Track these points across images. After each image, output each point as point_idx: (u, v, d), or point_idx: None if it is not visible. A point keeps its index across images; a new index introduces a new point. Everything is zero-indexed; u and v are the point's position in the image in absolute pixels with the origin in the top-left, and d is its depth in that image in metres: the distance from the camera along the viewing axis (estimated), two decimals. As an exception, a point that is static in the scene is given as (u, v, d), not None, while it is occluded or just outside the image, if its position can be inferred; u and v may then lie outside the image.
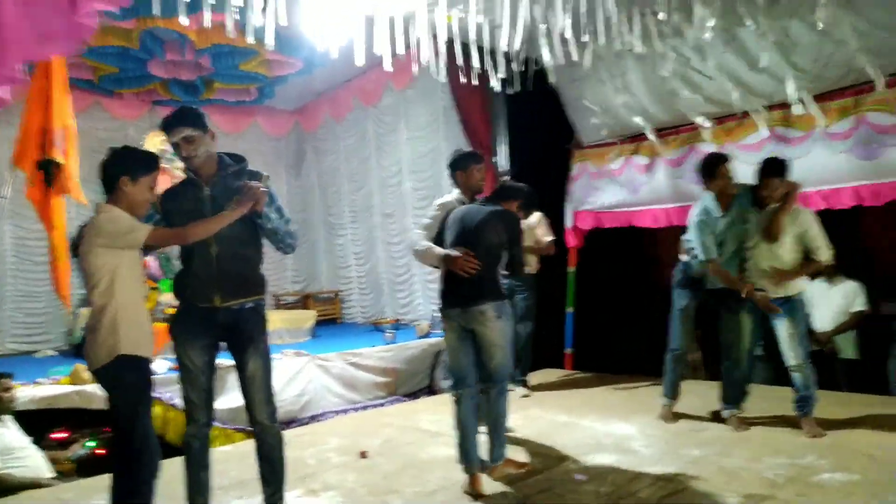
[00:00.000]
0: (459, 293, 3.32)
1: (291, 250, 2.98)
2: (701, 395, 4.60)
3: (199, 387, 2.83)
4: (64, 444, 4.47)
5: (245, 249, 2.84)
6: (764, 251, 3.93)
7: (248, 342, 2.80)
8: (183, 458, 2.88)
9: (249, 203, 2.69)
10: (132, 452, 2.63)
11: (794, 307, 3.93)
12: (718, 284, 4.08)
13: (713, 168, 4.06)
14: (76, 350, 6.86)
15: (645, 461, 3.58)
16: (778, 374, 5.53)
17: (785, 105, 5.05)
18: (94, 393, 4.64)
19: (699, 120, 5.45)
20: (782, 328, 3.93)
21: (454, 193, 3.72)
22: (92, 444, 4.54)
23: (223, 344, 2.89)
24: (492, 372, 3.34)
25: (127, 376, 2.61)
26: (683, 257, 4.44)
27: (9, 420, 4.09)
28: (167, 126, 2.79)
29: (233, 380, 3.00)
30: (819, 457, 3.45)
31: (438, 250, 3.38)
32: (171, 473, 2.89)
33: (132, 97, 8.16)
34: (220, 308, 2.76)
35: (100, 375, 2.64)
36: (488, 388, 3.36)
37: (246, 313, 2.82)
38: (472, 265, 3.22)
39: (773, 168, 3.89)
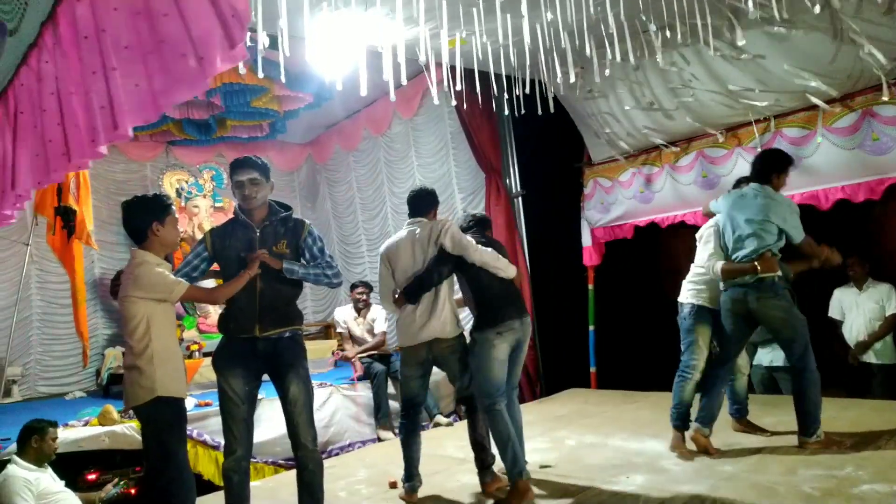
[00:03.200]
0: (518, 306, 3.55)
1: (337, 285, 3.23)
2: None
3: (238, 417, 2.94)
4: (96, 486, 4.49)
5: (286, 287, 3.04)
6: None
7: (289, 368, 2.96)
8: (223, 491, 2.98)
9: (253, 270, 2.92)
10: (164, 488, 2.74)
11: None
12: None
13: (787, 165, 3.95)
14: (104, 391, 6.92)
15: (677, 479, 3.52)
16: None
17: (790, 112, 5.06)
18: (124, 433, 4.68)
19: (711, 129, 5.46)
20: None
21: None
22: (123, 483, 4.57)
23: (265, 378, 3.06)
24: (516, 377, 3.65)
25: (163, 416, 2.75)
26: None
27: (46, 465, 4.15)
28: (236, 166, 3.04)
29: (263, 412, 3.08)
30: (857, 468, 3.37)
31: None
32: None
33: (147, 139, 8.32)
34: (260, 338, 2.93)
35: (137, 413, 2.81)
36: (510, 394, 3.60)
37: (284, 342, 2.99)
38: None
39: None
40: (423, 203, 3.80)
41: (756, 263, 3.67)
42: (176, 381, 2.81)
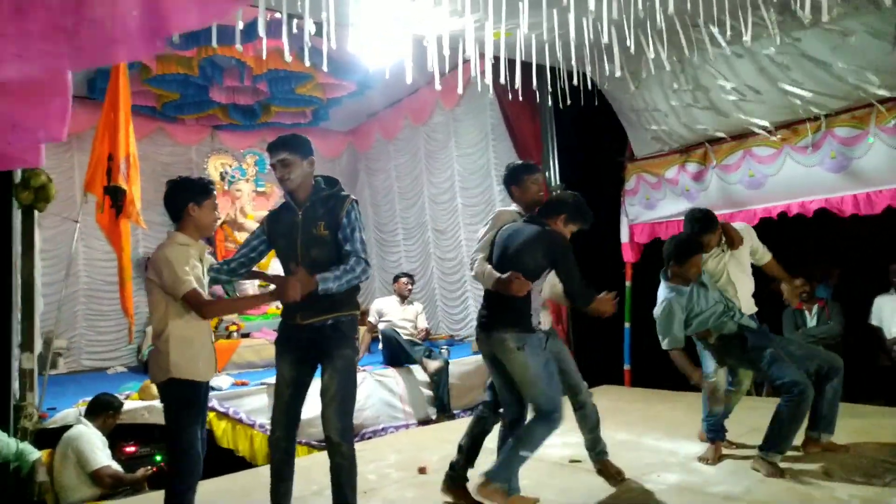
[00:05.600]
0: (484, 318, 3.18)
1: (365, 280, 3.00)
2: (767, 413, 4.43)
3: (281, 400, 2.97)
4: (134, 457, 4.64)
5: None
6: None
7: (325, 357, 2.89)
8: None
9: (287, 298, 2.75)
10: (172, 463, 2.88)
11: None
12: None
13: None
14: (144, 367, 7.12)
15: (710, 481, 3.49)
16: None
17: (842, 111, 4.93)
18: (162, 409, 4.80)
19: (759, 128, 5.33)
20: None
21: (512, 206, 3.54)
22: (160, 458, 4.70)
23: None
24: (529, 403, 3.18)
25: (175, 396, 2.82)
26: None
27: None
28: (269, 148, 2.97)
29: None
30: (897, 477, 3.29)
31: (494, 274, 3.11)
32: (246, 484, 2.98)
33: (193, 122, 8.48)
34: (303, 325, 2.90)
35: (157, 390, 2.93)
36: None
37: (326, 330, 2.90)
38: (523, 285, 2.99)
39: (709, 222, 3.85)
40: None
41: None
42: (194, 365, 2.82)
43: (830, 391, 3.65)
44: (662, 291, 3.88)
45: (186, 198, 2.88)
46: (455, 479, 3.42)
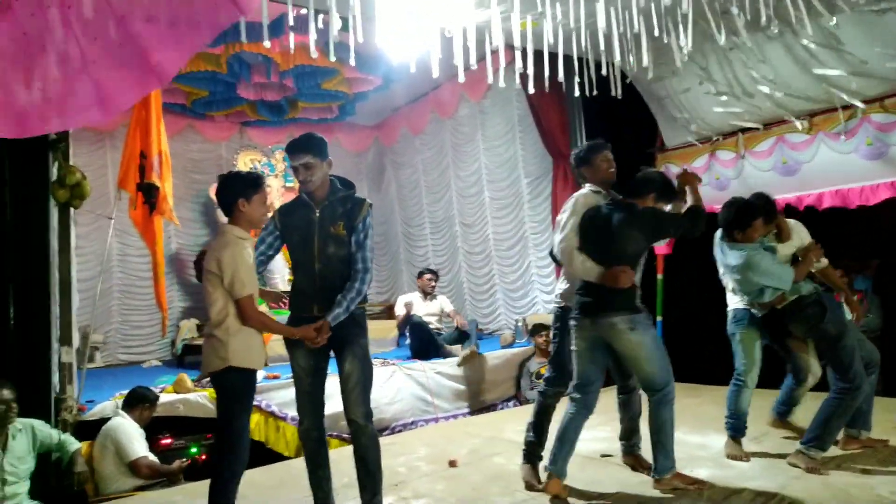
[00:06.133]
0: (590, 304, 3.24)
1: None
2: (807, 407, 4.36)
3: (302, 391, 3.06)
4: (169, 450, 4.72)
5: (344, 267, 3.00)
6: None
7: (343, 345, 2.99)
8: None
9: (308, 336, 2.92)
10: (222, 449, 2.94)
11: None
12: None
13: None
14: (178, 360, 7.23)
15: (744, 475, 3.44)
16: (886, 385, 5.19)
17: (879, 98, 4.81)
18: (197, 402, 4.88)
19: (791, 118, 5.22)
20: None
21: (586, 188, 3.48)
22: (195, 450, 4.78)
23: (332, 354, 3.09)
24: (642, 383, 3.34)
25: (232, 385, 2.89)
26: None
27: None
28: (291, 150, 3.01)
29: (327, 386, 3.14)
30: (940, 473, 3.21)
31: (596, 268, 3.19)
32: (279, 476, 3.01)
33: (222, 119, 8.58)
34: (319, 317, 2.95)
35: (212, 379, 2.97)
36: (650, 397, 3.28)
37: (344, 320, 2.97)
38: (628, 276, 3.14)
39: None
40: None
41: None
42: (250, 353, 2.91)
43: (868, 386, 3.56)
44: (735, 251, 3.62)
45: (236, 193, 2.94)
46: (529, 455, 3.55)
